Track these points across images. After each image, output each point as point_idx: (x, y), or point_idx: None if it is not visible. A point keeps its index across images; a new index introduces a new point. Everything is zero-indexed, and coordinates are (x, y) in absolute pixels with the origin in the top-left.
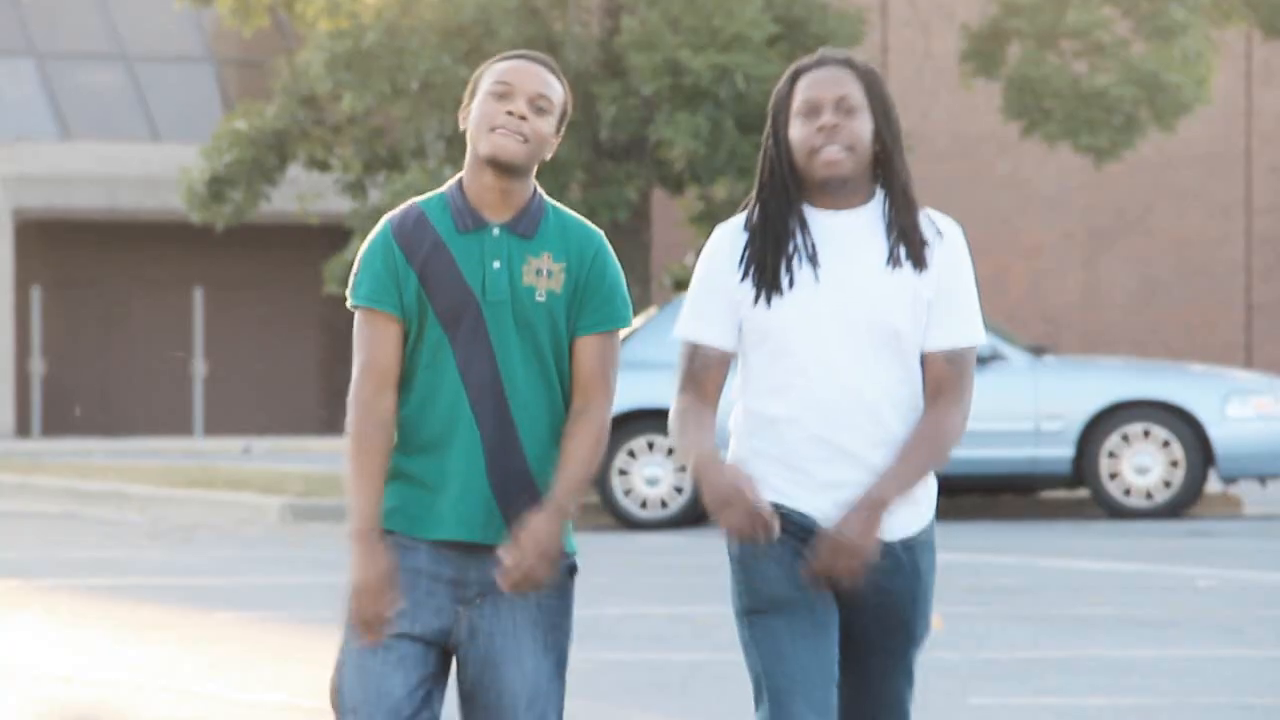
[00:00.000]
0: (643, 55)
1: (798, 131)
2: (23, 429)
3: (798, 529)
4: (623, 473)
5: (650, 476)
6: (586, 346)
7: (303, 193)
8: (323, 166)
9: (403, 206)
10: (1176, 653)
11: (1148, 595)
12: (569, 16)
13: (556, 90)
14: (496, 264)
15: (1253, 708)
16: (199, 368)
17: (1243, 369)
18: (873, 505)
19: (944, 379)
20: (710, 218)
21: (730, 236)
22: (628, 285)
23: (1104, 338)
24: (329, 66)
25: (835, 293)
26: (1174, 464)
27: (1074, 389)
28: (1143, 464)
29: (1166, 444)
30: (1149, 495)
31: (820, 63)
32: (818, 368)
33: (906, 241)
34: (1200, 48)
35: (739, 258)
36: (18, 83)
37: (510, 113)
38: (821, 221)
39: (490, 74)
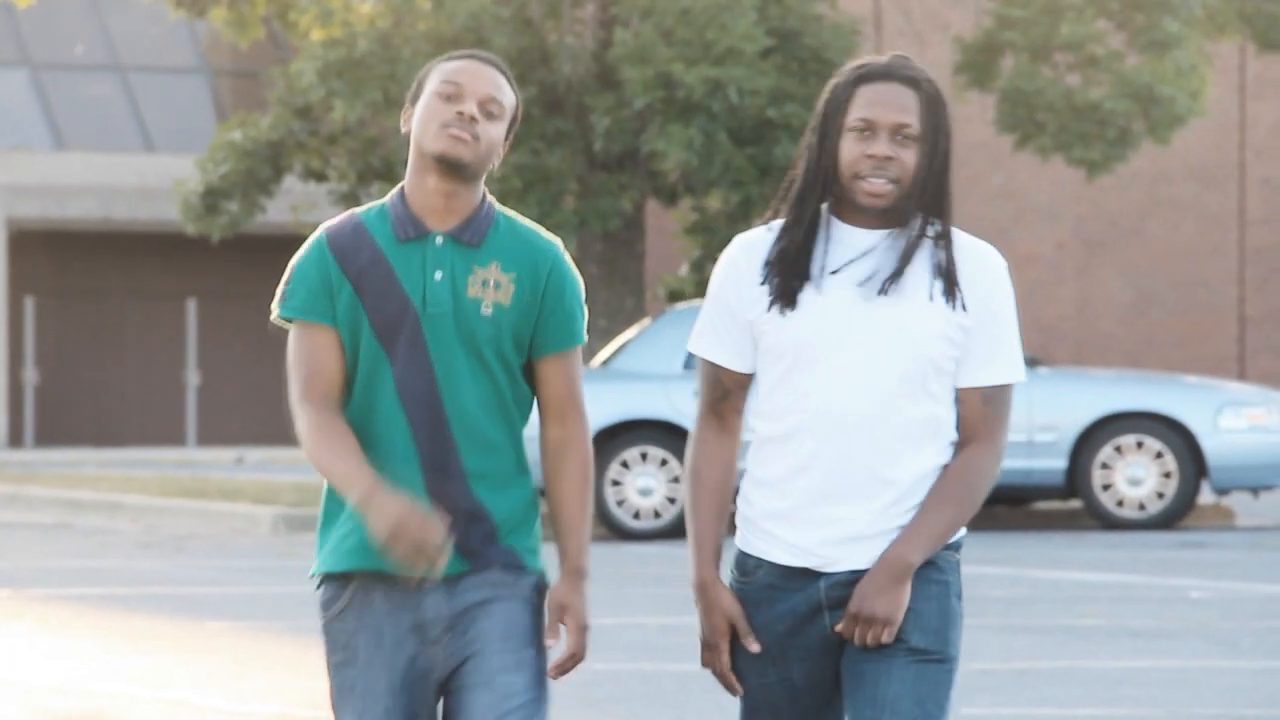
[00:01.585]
0: (635, 68)
1: (848, 150)
2: (16, 439)
3: (779, 594)
4: (616, 483)
5: (643, 487)
6: (553, 368)
7: (297, 204)
8: (319, 177)
9: (341, 216)
10: (1169, 664)
11: (1141, 606)
12: (563, 28)
13: (507, 95)
14: (439, 274)
15: (1246, 719)
16: (192, 378)
17: (1236, 381)
18: (897, 573)
19: (979, 419)
20: (704, 229)
21: (748, 249)
22: (622, 296)
23: (1097, 349)
24: (321, 75)
25: (862, 314)
26: (1167, 475)
27: (1067, 400)
28: (1136, 475)
29: (1160, 455)
30: (1142, 506)
31: (887, 74)
32: (831, 391)
33: (945, 269)
34: (1194, 61)
35: (759, 266)
36: (12, 93)
37: (460, 113)
38: (854, 238)
39: (437, 73)
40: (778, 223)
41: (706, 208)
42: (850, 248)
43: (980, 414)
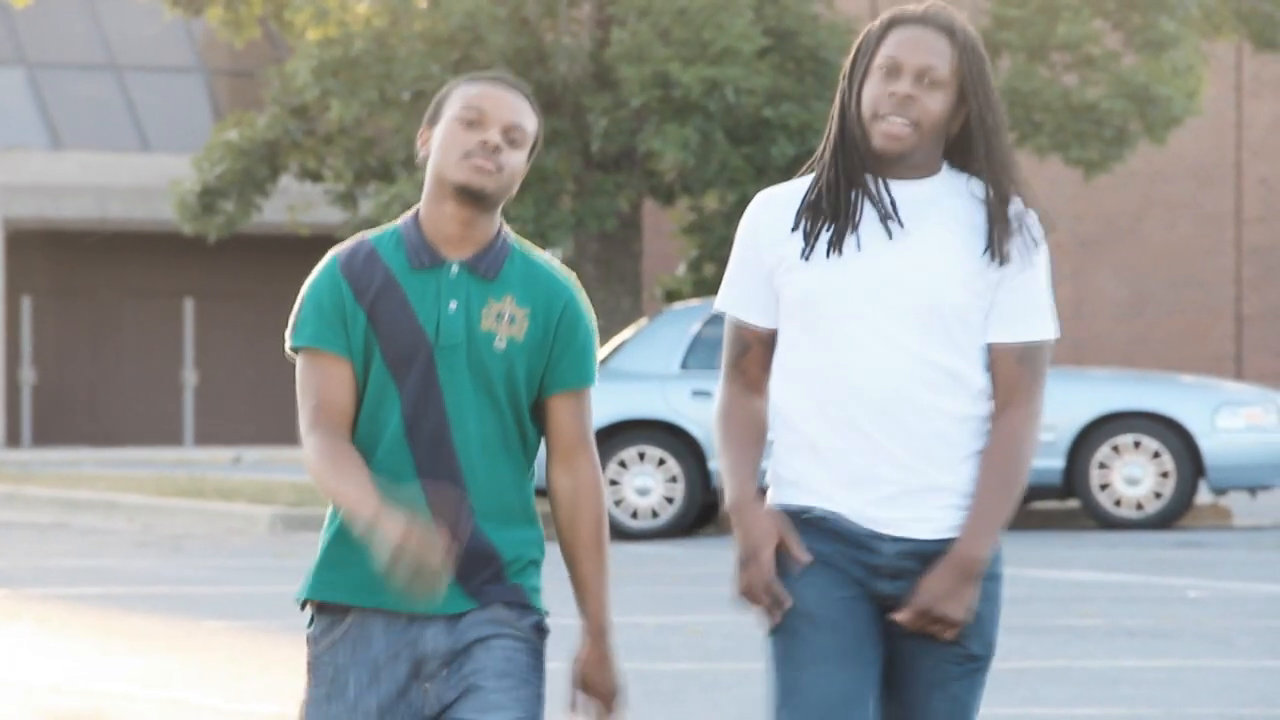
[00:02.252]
0: (632, 68)
1: (871, 88)
2: (13, 439)
3: (829, 532)
4: (614, 483)
5: (641, 487)
6: (563, 409)
7: (293, 203)
8: (315, 177)
9: (351, 240)
10: (1166, 663)
11: (1138, 606)
12: (559, 27)
13: (531, 121)
14: (453, 305)
15: (1242, 718)
16: (189, 377)
17: (1233, 380)
18: (968, 573)
19: (1015, 381)
20: (701, 229)
21: (771, 202)
22: (619, 296)
23: (1094, 348)
24: (316, 74)
25: (891, 265)
26: (1164, 475)
27: (1064, 400)
28: (1133, 475)
29: (1157, 455)
30: (1139, 506)
31: (921, 19)
32: (860, 345)
33: (981, 221)
34: (1191, 60)
35: (782, 219)
36: (8, 92)
37: (484, 143)
38: (883, 189)
39: (459, 97)
40: (804, 179)
41: (703, 207)
42: (879, 197)
43: (1015, 374)
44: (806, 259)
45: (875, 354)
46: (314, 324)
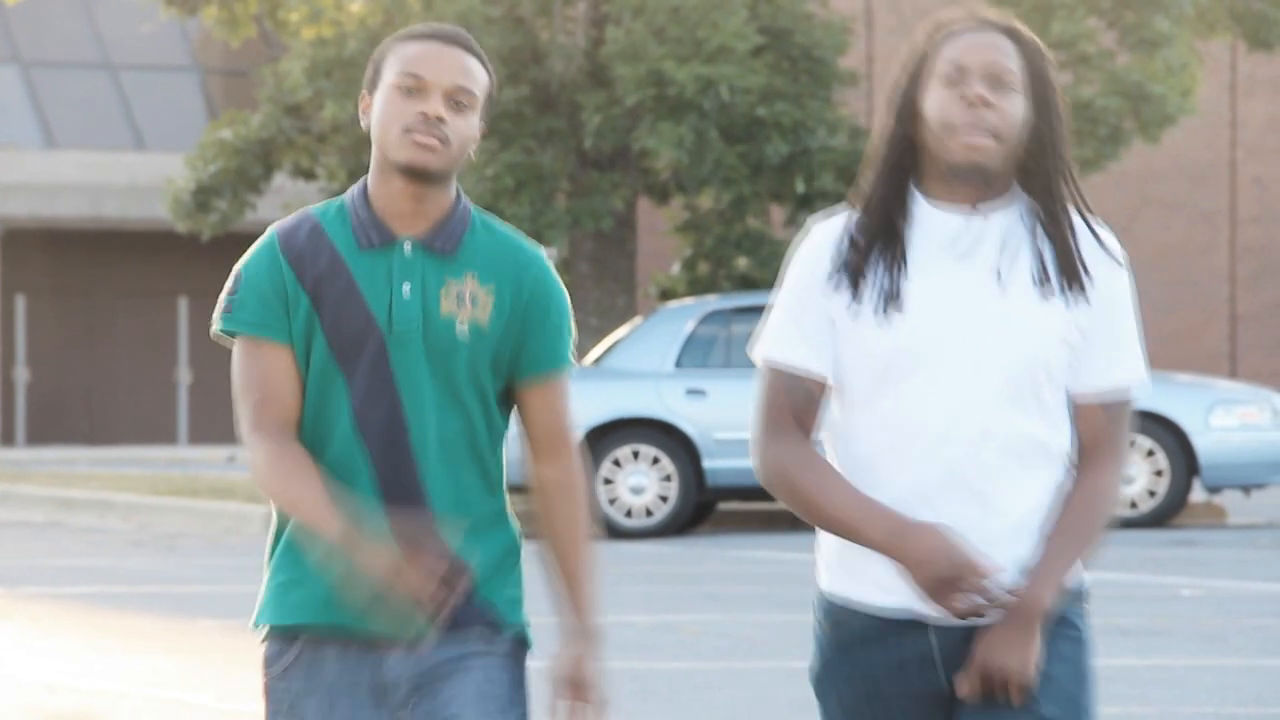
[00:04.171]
0: (627, 66)
1: (937, 99)
2: (7, 437)
3: (886, 628)
4: (608, 481)
5: (635, 485)
6: (539, 396)
7: (288, 201)
8: (308, 175)
9: (294, 216)
10: (1161, 662)
11: (1132, 604)
12: (554, 26)
13: (478, 78)
14: (406, 288)
15: (1237, 717)
16: (183, 376)
17: (1227, 379)
18: (1027, 620)
19: (1099, 434)
20: (695, 227)
21: (830, 235)
22: (614, 294)
23: None
24: (308, 74)
25: (964, 312)
26: (1159, 474)
27: None
28: (1127, 473)
29: (1151, 453)
30: (1134, 504)
31: (977, 24)
32: (927, 404)
33: (1059, 257)
34: (1185, 59)
35: (840, 261)
36: (3, 91)
37: (424, 114)
38: (947, 221)
39: (394, 58)
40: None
41: (698, 206)
42: (944, 231)
43: (1101, 428)
44: (866, 311)
45: (951, 420)
46: (251, 307)
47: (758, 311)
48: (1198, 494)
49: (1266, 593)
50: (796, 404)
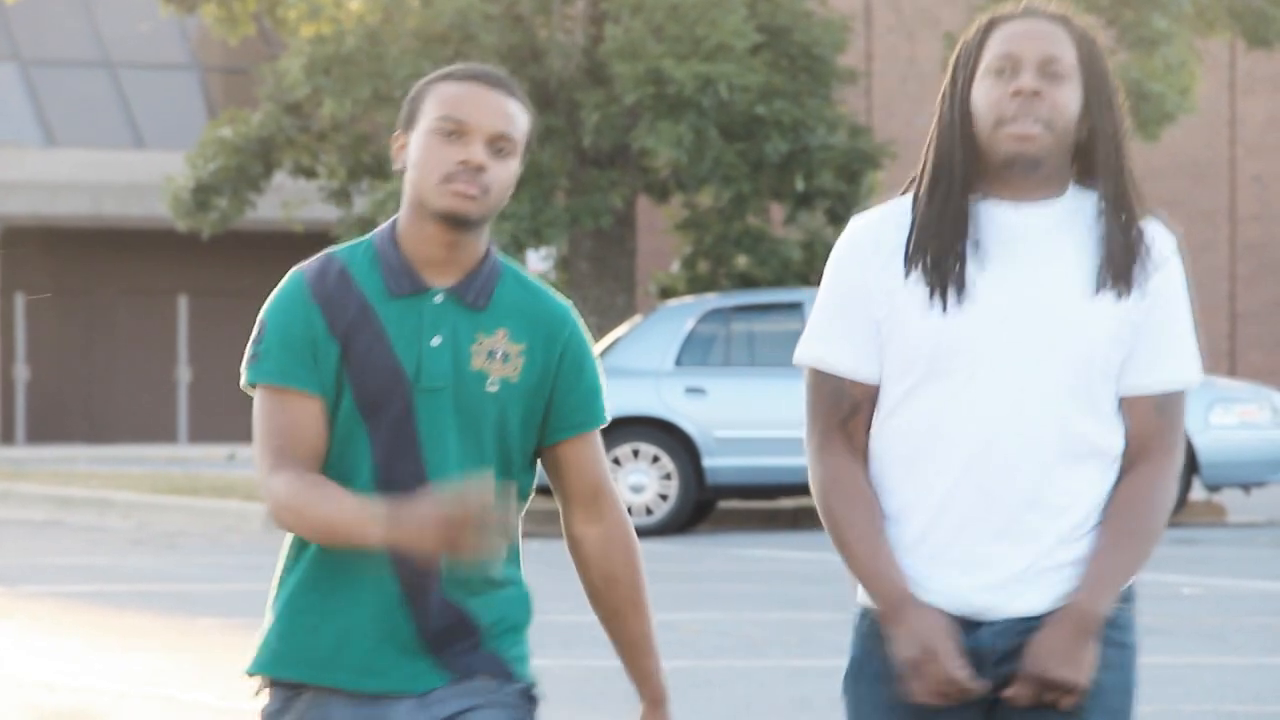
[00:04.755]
0: (626, 64)
1: (986, 92)
2: (7, 436)
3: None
4: None
5: (635, 484)
6: (575, 454)
7: (288, 200)
8: (309, 173)
9: (317, 258)
10: (1161, 660)
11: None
12: (553, 24)
13: (519, 124)
14: (436, 340)
15: (1237, 715)
16: (183, 374)
17: (1227, 377)
18: (1083, 629)
19: (1151, 432)
20: (695, 225)
21: (871, 232)
22: (613, 293)
23: None
24: (307, 71)
25: (1018, 310)
26: None
27: None
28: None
29: None
30: None
31: (1026, 13)
32: (980, 404)
33: (1115, 253)
34: (1184, 57)
35: (887, 253)
36: (2, 89)
37: (465, 163)
38: (1002, 216)
39: (435, 101)
40: (899, 201)
41: (697, 204)
42: (999, 228)
43: (1154, 426)
44: (917, 309)
45: (1005, 421)
46: (278, 356)
47: (757, 310)
48: (1197, 492)
49: (1266, 591)
50: (843, 413)
